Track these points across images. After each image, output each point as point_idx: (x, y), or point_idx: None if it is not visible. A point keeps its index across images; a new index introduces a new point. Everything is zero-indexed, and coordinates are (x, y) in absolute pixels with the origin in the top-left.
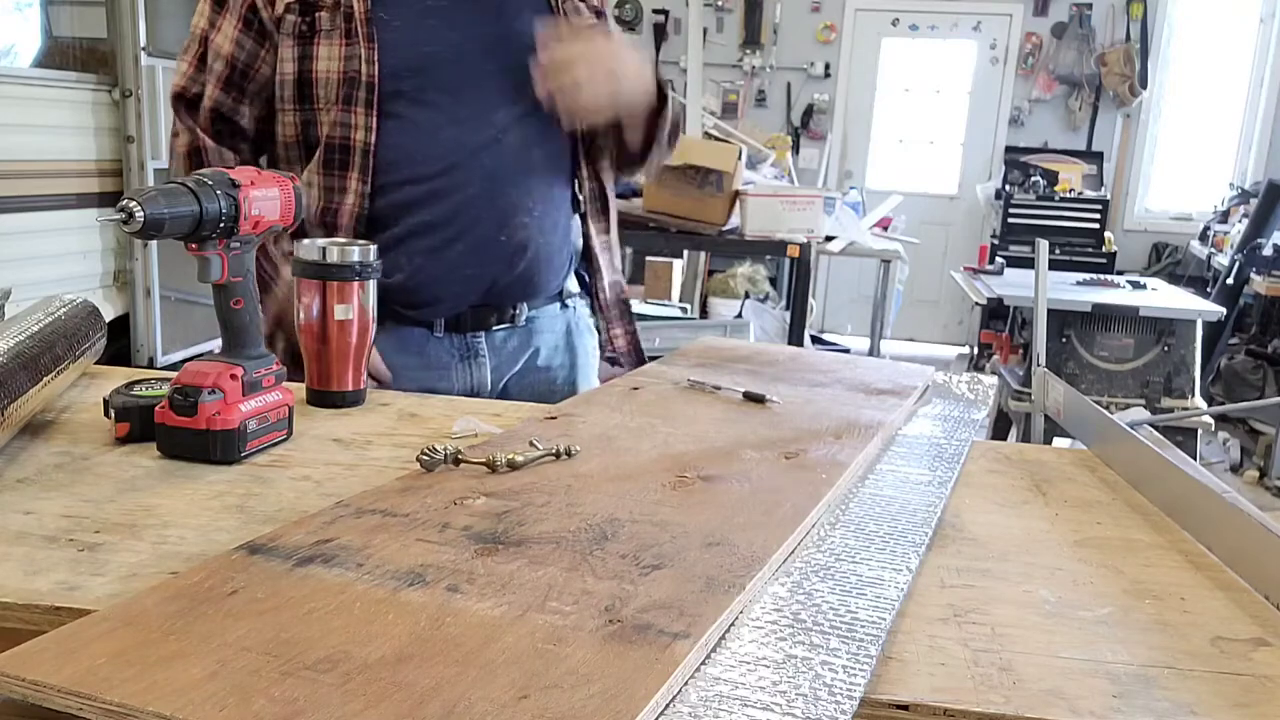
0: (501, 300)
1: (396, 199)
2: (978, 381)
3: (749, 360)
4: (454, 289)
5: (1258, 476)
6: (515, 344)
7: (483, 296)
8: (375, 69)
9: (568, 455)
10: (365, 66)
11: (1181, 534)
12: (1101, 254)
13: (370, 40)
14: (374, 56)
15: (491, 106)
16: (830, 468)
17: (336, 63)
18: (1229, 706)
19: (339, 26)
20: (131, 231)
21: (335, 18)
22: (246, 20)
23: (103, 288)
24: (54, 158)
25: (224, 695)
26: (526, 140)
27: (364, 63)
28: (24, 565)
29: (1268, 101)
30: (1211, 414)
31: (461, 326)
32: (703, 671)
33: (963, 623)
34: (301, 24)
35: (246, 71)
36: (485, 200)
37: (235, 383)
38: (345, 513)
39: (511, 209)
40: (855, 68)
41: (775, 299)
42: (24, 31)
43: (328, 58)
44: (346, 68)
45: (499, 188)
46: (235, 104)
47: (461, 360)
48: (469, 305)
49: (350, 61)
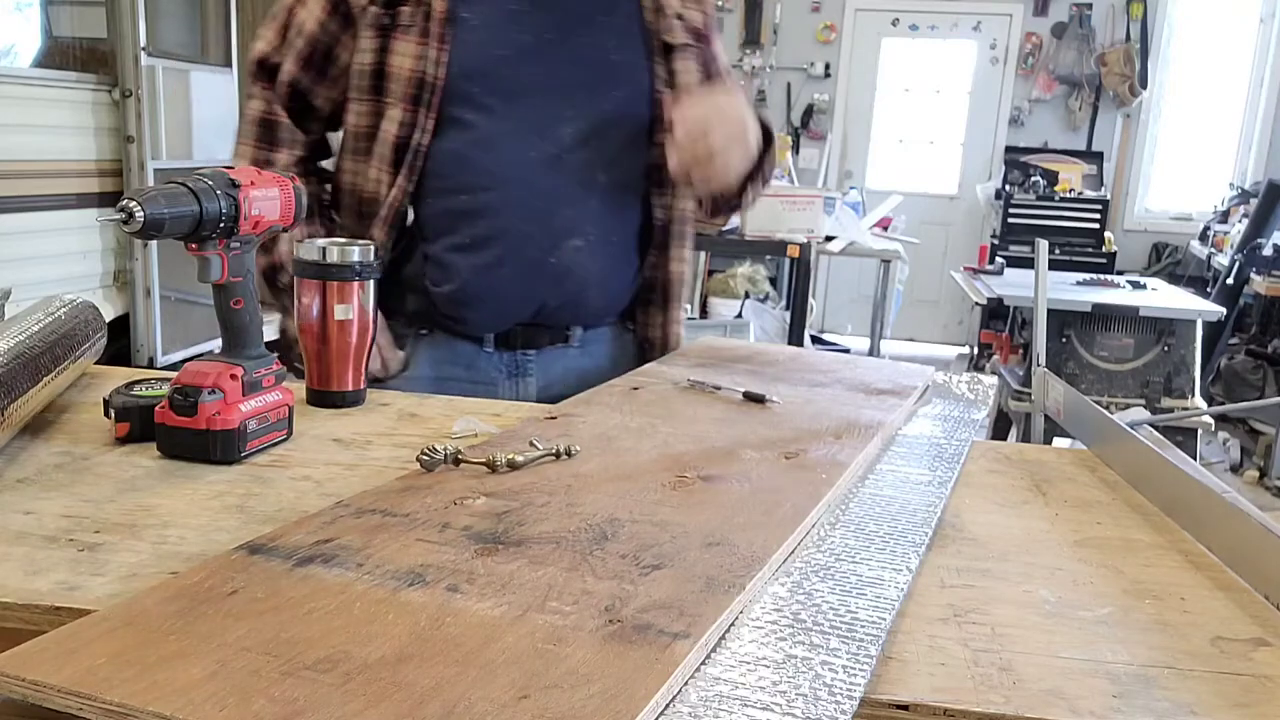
0: (552, 321)
1: (448, 206)
2: (978, 381)
3: (749, 360)
4: (501, 308)
5: (1258, 476)
6: (566, 363)
7: (532, 317)
8: (442, 71)
9: (568, 455)
10: (432, 68)
11: (1181, 534)
12: (1101, 254)
13: (442, 41)
14: (443, 59)
15: (558, 120)
16: (830, 468)
17: (409, 60)
18: (1229, 706)
19: (418, 24)
20: (131, 231)
21: (416, 14)
22: (334, 3)
23: (103, 288)
24: (54, 158)
25: (224, 695)
26: (590, 161)
27: (432, 64)
28: (24, 565)
29: (1268, 101)
30: (1211, 414)
31: (512, 343)
32: (703, 671)
33: (963, 623)
34: (384, 16)
35: (328, 54)
36: (538, 220)
37: (235, 383)
38: (345, 513)
39: (565, 231)
40: (855, 68)
41: (775, 299)
42: (24, 31)
43: (402, 54)
44: (417, 66)
45: (554, 207)
46: (313, 84)
47: (510, 377)
48: (518, 324)
49: (421, 61)
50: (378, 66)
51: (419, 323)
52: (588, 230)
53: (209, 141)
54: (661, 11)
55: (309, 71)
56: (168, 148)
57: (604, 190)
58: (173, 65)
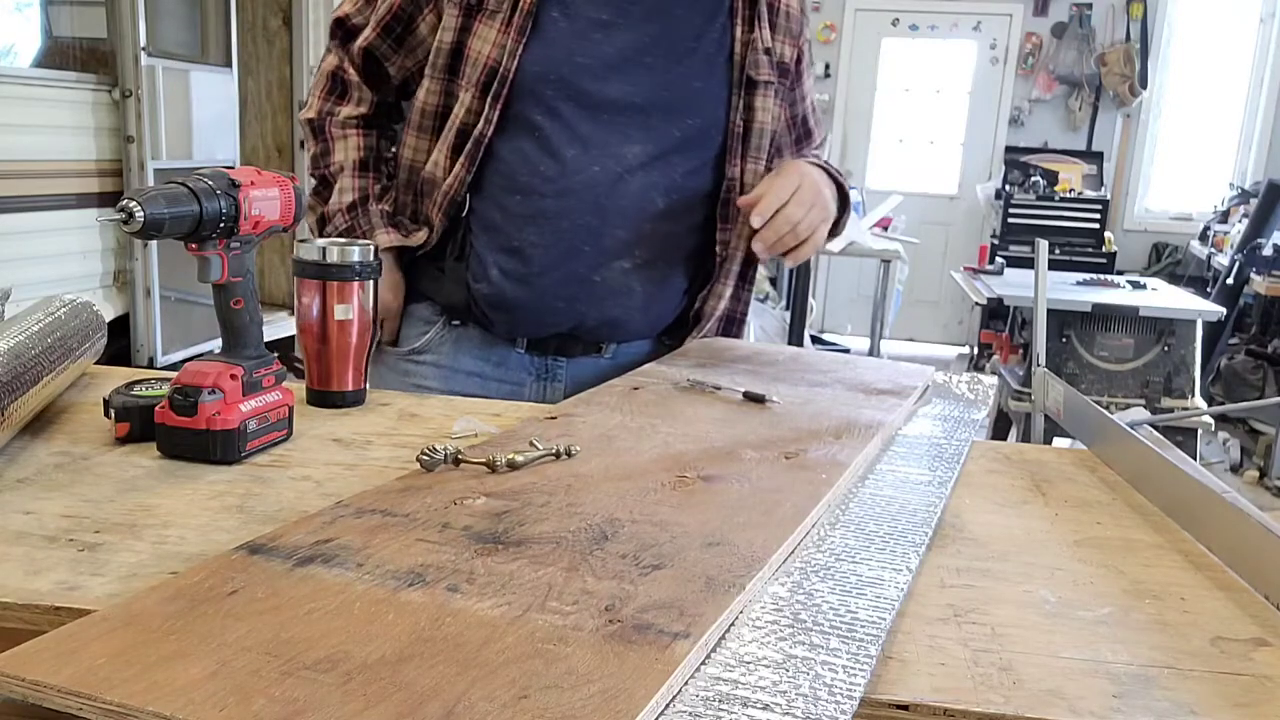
0: (589, 336)
1: (503, 205)
2: (978, 381)
3: (749, 360)
4: (538, 318)
5: (1258, 476)
6: (597, 371)
7: (569, 329)
8: (515, 64)
9: (568, 455)
10: (508, 59)
11: (1181, 534)
12: (1101, 254)
13: (522, 34)
14: (519, 51)
15: (626, 139)
16: (830, 468)
17: (489, 46)
18: (1229, 706)
19: (504, 11)
20: (131, 231)
21: (504, 1)
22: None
23: (103, 288)
24: (54, 158)
25: (224, 695)
26: (653, 184)
27: (509, 55)
28: (24, 565)
29: (1268, 101)
30: (1211, 414)
31: (545, 349)
32: (703, 671)
33: (963, 623)
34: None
35: (410, 23)
36: (589, 236)
37: (235, 383)
38: (345, 513)
39: (614, 251)
40: (855, 68)
41: (775, 299)
42: (24, 31)
43: (484, 39)
44: (494, 55)
45: (608, 227)
46: (389, 51)
47: (538, 379)
48: (553, 334)
49: (498, 50)
50: (456, 46)
51: (456, 314)
52: (637, 253)
53: (209, 141)
54: (752, 45)
55: (387, 39)
56: (168, 148)
57: (661, 215)
58: (173, 65)
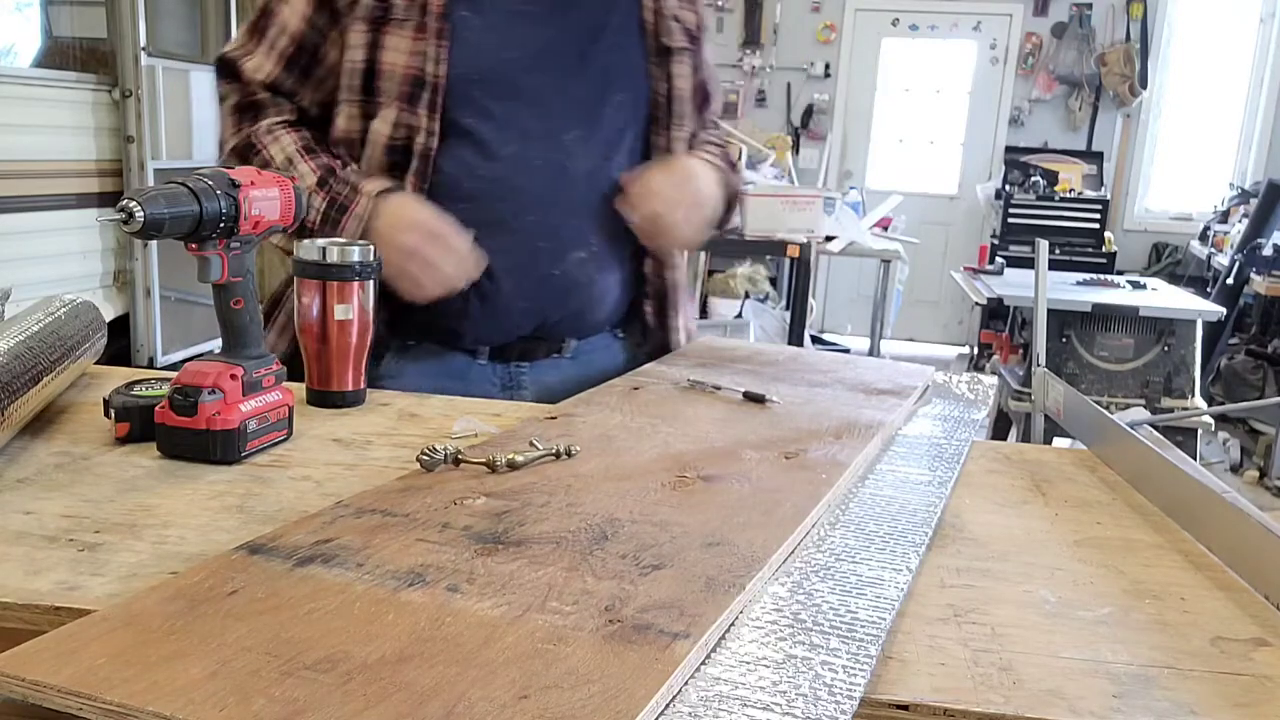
0: (551, 334)
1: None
2: (978, 381)
3: (749, 360)
4: (503, 322)
5: (1258, 476)
6: (561, 374)
7: (532, 331)
8: (444, 69)
9: (568, 455)
10: (433, 65)
11: (1181, 534)
12: (1101, 254)
13: (441, 37)
14: (444, 55)
15: (562, 128)
16: (830, 468)
17: (403, 56)
18: (1229, 706)
19: (413, 18)
20: (131, 231)
21: (411, 8)
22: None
23: (103, 288)
24: (54, 158)
25: (224, 695)
26: (595, 170)
27: (432, 61)
28: (24, 565)
29: (1268, 101)
30: (1211, 414)
31: (507, 356)
32: (703, 671)
33: (963, 623)
34: (376, 9)
35: (315, 53)
36: (545, 232)
37: (235, 383)
38: (345, 513)
39: (571, 243)
40: (855, 68)
41: (775, 299)
42: (24, 31)
43: (396, 49)
44: (411, 63)
45: (560, 218)
46: (297, 85)
47: (503, 389)
48: (516, 338)
49: (417, 58)
50: (369, 65)
51: (408, 333)
52: (591, 241)
53: (209, 141)
54: (660, 13)
55: (292, 72)
56: (168, 148)
57: (608, 198)
58: (173, 65)
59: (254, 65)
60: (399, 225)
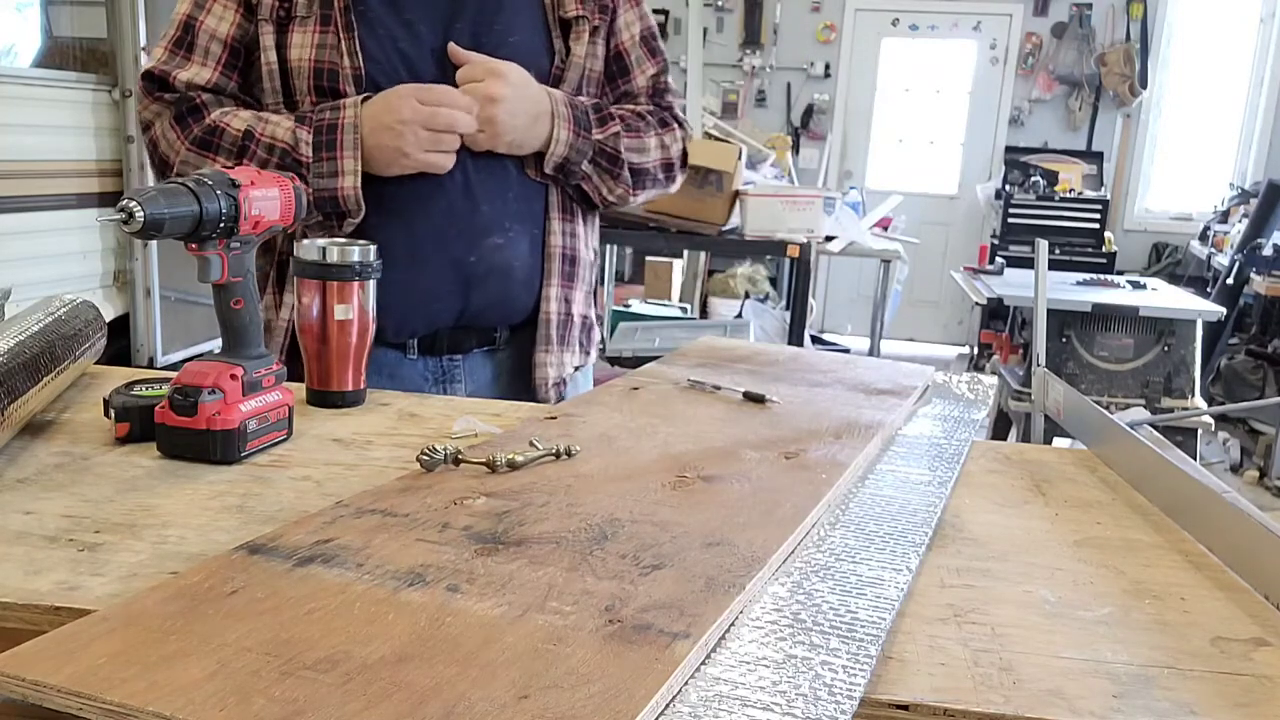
0: (478, 323)
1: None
2: (978, 381)
3: (749, 360)
4: (421, 313)
5: (1258, 476)
6: (494, 366)
7: (455, 320)
8: (354, 62)
9: (568, 455)
10: (349, 59)
11: (1181, 534)
12: (1101, 254)
13: (349, 31)
14: (355, 47)
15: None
16: (830, 468)
17: (309, 51)
18: (1229, 706)
19: (313, 14)
20: (131, 231)
21: (312, 4)
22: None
23: (103, 288)
24: (54, 158)
25: (224, 695)
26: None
27: (346, 54)
28: (24, 565)
29: (1268, 101)
30: (1211, 414)
31: (437, 349)
32: (703, 671)
33: (963, 623)
34: (279, 8)
35: (249, 55)
36: (456, 220)
37: (235, 383)
38: (345, 513)
39: (484, 229)
40: (855, 68)
41: (775, 299)
42: (24, 31)
43: (301, 45)
44: (319, 57)
45: (472, 205)
46: (239, 90)
47: (436, 384)
48: (445, 328)
49: (324, 51)
50: (282, 64)
51: None
52: (505, 225)
53: None
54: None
55: (231, 76)
56: None
57: (516, 182)
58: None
59: (191, 74)
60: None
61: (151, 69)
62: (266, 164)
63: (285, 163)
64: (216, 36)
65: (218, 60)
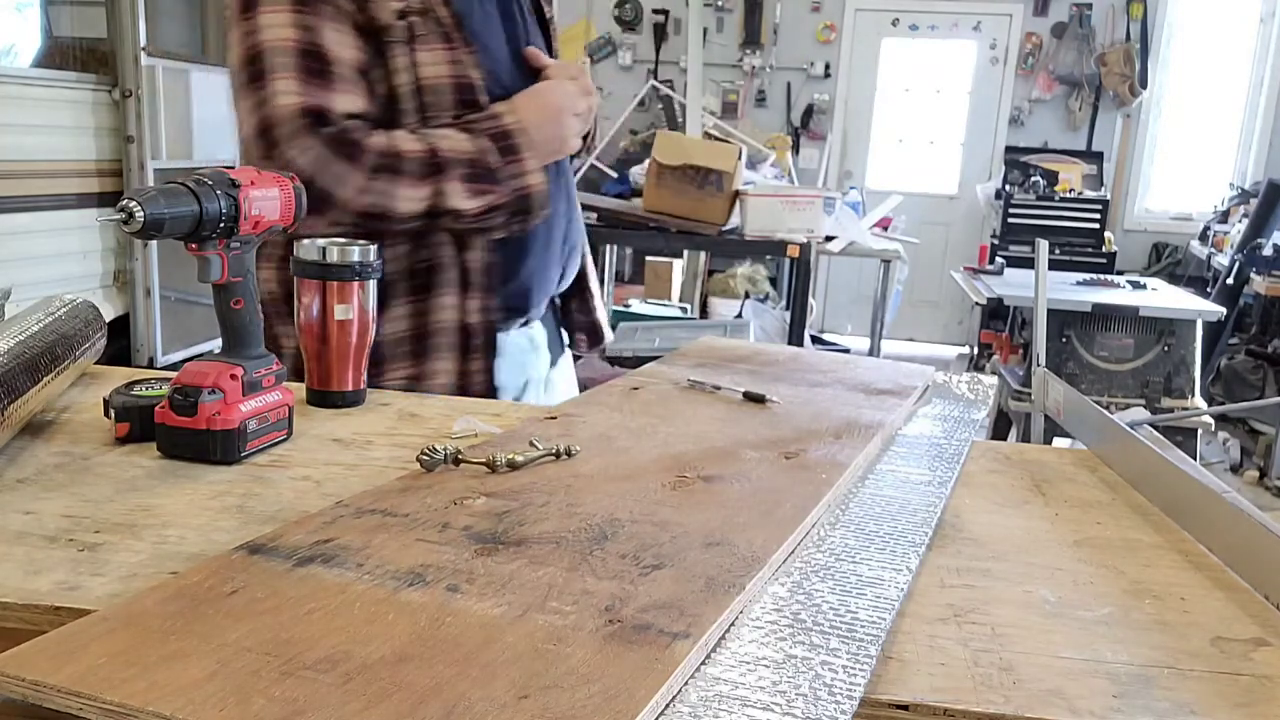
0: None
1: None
2: (978, 381)
3: (749, 360)
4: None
5: (1258, 476)
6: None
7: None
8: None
9: (568, 455)
10: (476, 71)
11: (1181, 534)
12: (1101, 254)
13: (469, 45)
14: (478, 61)
15: None
16: (830, 468)
17: (444, 68)
18: (1229, 706)
19: (432, 30)
20: (131, 231)
21: (426, 22)
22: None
23: (103, 288)
24: (54, 158)
25: (224, 695)
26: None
27: (473, 68)
28: (24, 565)
29: (1268, 101)
30: (1211, 414)
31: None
32: (703, 671)
33: (963, 623)
34: (404, 29)
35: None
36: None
37: (235, 383)
38: (345, 513)
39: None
40: (855, 68)
41: (775, 299)
42: (24, 31)
43: (434, 64)
44: (456, 73)
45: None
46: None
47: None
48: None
49: (458, 67)
50: (417, 85)
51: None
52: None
53: (209, 141)
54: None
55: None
56: (168, 148)
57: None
58: (173, 65)
59: (346, 102)
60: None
61: (305, 104)
62: (461, 177)
63: (478, 172)
64: (347, 63)
65: (359, 86)
